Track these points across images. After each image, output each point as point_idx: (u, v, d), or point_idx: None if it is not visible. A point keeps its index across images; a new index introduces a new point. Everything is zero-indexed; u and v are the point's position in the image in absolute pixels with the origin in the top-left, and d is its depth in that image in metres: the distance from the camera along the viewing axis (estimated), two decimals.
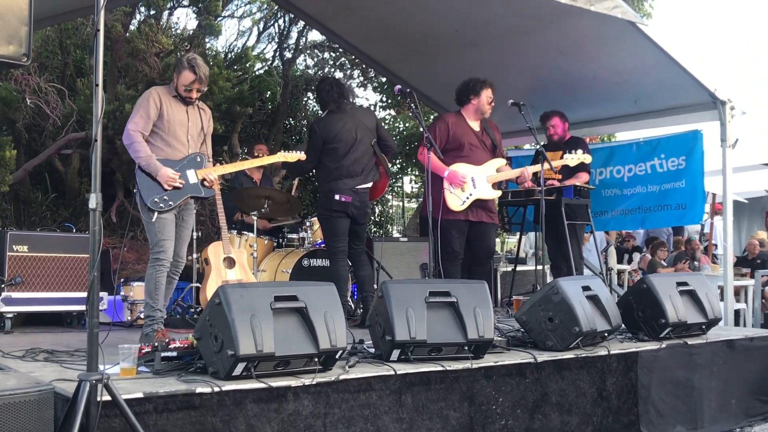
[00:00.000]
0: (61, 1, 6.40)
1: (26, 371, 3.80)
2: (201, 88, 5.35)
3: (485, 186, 6.54)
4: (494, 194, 6.60)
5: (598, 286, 5.29)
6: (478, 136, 6.68)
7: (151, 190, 5.15)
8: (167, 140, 5.28)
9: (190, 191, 5.29)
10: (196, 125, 5.44)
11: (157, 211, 5.13)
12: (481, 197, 6.52)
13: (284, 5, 8.65)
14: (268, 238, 7.85)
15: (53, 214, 11.22)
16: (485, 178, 6.55)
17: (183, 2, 12.22)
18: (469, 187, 6.50)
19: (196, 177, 5.31)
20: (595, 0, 5.86)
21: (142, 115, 5.19)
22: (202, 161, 5.40)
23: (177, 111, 5.33)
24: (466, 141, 6.60)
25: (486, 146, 6.69)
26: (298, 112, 14.88)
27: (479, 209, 6.56)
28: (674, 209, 8.08)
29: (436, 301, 4.36)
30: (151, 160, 5.15)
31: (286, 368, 3.71)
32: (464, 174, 6.49)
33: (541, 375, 4.61)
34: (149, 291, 5.22)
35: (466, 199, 6.48)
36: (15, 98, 9.94)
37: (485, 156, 6.65)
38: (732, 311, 7.53)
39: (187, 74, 5.26)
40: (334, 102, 6.56)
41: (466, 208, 6.49)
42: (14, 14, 2.98)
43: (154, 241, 5.20)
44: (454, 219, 6.49)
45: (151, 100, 5.23)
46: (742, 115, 7.49)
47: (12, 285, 6.22)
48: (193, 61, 5.28)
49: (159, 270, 5.18)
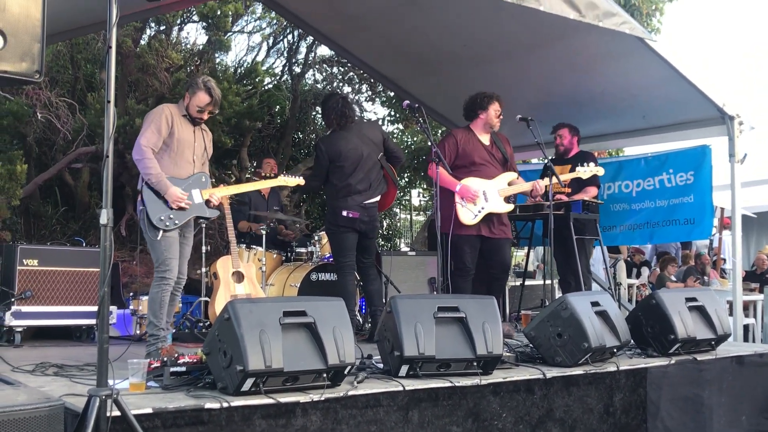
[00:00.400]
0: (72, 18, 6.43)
1: (36, 386, 3.81)
2: (213, 111, 5.41)
3: (497, 200, 6.52)
4: (506, 208, 6.57)
5: (607, 301, 5.29)
6: (488, 150, 6.67)
7: (157, 209, 5.14)
8: (174, 158, 5.29)
9: (195, 211, 5.29)
10: (201, 146, 5.47)
11: (163, 230, 5.13)
12: (494, 211, 6.49)
13: (294, 21, 8.69)
14: (276, 252, 7.87)
15: (63, 228, 11.25)
16: (497, 191, 6.52)
17: (193, 18, 12.28)
18: (481, 201, 6.48)
19: (201, 197, 5.31)
20: (603, 16, 5.87)
21: (153, 131, 5.18)
22: (206, 181, 5.42)
23: (185, 130, 5.35)
24: (476, 156, 6.58)
25: (496, 160, 6.67)
26: (306, 126, 14.92)
27: (492, 224, 6.51)
28: (683, 224, 8.06)
29: (444, 316, 4.36)
30: (162, 178, 5.14)
31: (295, 384, 3.72)
32: (476, 188, 6.47)
33: (549, 391, 4.60)
34: (153, 310, 5.20)
35: (478, 213, 6.46)
36: (26, 113, 9.99)
37: (496, 170, 6.63)
38: (741, 326, 7.49)
39: (203, 96, 5.28)
40: (337, 121, 6.59)
41: (478, 222, 6.45)
42: (27, 32, 3.01)
43: (160, 260, 5.18)
44: (466, 234, 6.44)
45: (163, 116, 5.24)
46: (750, 130, 7.49)
47: (22, 299, 6.24)
48: (208, 83, 5.31)
49: (164, 289, 5.17)
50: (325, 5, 7.42)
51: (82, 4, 3.72)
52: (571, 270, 7.29)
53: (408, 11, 6.97)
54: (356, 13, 7.38)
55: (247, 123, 11.72)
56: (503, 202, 6.55)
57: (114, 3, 3.19)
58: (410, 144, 15.01)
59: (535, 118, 6.68)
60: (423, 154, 13.62)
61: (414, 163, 13.99)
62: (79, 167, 11.20)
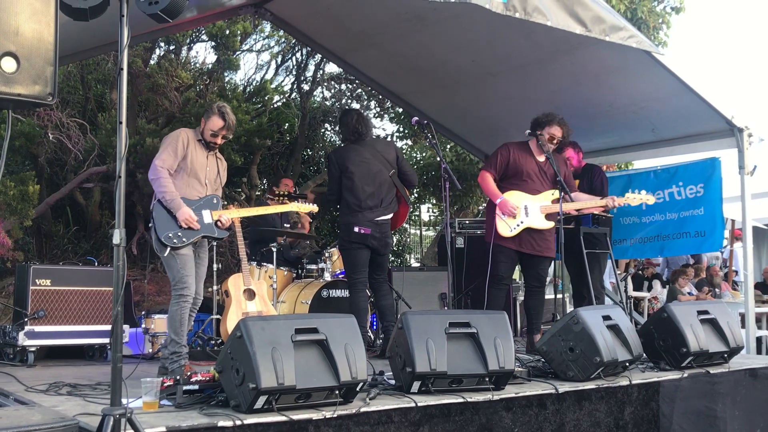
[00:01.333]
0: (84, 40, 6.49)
1: (50, 405, 3.83)
2: (227, 135, 5.54)
3: (538, 216, 6.54)
4: (546, 225, 6.54)
5: (619, 315, 5.28)
6: (540, 166, 6.69)
7: (165, 226, 5.25)
8: (187, 180, 5.44)
9: (204, 231, 5.40)
10: (213, 171, 5.61)
11: (170, 247, 5.20)
12: (533, 226, 6.51)
13: (302, 39, 8.74)
14: (287, 269, 7.88)
15: (75, 248, 11.30)
16: (539, 207, 6.55)
17: (202, 37, 12.37)
18: (521, 215, 6.51)
19: (211, 217, 5.43)
20: (610, 30, 5.89)
21: (170, 153, 5.35)
22: (218, 203, 5.54)
23: (199, 154, 5.50)
24: (527, 169, 6.62)
25: (547, 177, 6.67)
26: (316, 143, 14.97)
27: (532, 240, 6.55)
28: (693, 237, 8.04)
29: (456, 332, 4.37)
30: (175, 197, 5.27)
31: (307, 401, 3.72)
32: (515, 203, 6.51)
33: (562, 406, 4.59)
34: (174, 327, 5.29)
35: (516, 227, 6.50)
36: (37, 133, 10.06)
37: (543, 186, 6.65)
38: (754, 339, 7.46)
39: (217, 120, 5.44)
40: (356, 134, 6.64)
41: (515, 235, 6.50)
42: (40, 55, 3.04)
43: (177, 278, 5.27)
44: (504, 245, 6.54)
45: (179, 140, 5.40)
46: (759, 142, 7.48)
47: (35, 318, 6.27)
48: (223, 108, 5.47)
49: (183, 306, 5.26)
50: (332, 23, 7.46)
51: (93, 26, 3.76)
52: (584, 284, 7.29)
53: (415, 27, 7.01)
54: (363, 30, 7.43)
55: (257, 141, 11.78)
56: (543, 219, 6.55)
57: (125, 25, 3.24)
58: (419, 160, 15.03)
59: None
60: (432, 169, 13.64)
61: (424, 179, 14.00)
62: (91, 187, 11.26)
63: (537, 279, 6.76)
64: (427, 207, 17.42)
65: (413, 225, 17.91)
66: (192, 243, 5.34)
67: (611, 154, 8.84)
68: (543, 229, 6.56)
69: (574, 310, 5.10)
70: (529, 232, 6.53)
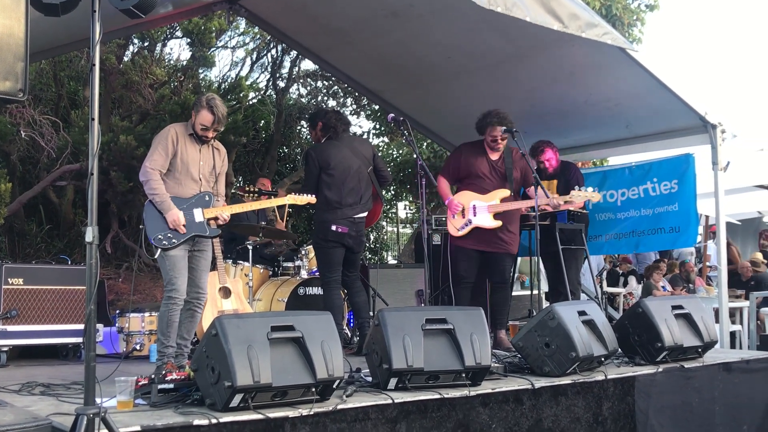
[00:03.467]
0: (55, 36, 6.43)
1: (23, 406, 3.79)
2: (218, 128, 5.41)
3: (485, 215, 6.58)
4: (494, 224, 6.57)
5: (594, 310, 5.31)
6: (493, 165, 6.71)
7: (156, 227, 5.17)
8: (179, 178, 5.33)
9: (194, 230, 5.29)
10: (209, 164, 5.48)
11: (161, 248, 5.14)
12: (480, 225, 6.56)
13: (278, 36, 8.70)
14: (263, 267, 7.85)
15: (48, 246, 11.19)
16: (487, 207, 6.59)
17: (176, 34, 12.29)
18: (469, 215, 6.56)
19: (202, 216, 5.33)
20: (585, 27, 5.91)
21: (160, 153, 5.26)
22: (210, 200, 5.42)
23: (191, 150, 5.38)
24: (477, 170, 6.67)
25: (498, 175, 6.71)
26: (292, 140, 14.94)
27: (487, 239, 6.60)
28: (668, 232, 8.10)
29: (432, 328, 4.37)
30: (165, 199, 5.20)
31: (284, 399, 3.71)
32: (461, 202, 6.59)
33: (538, 401, 4.61)
34: (161, 328, 5.24)
35: (463, 227, 6.57)
36: (9, 131, 9.96)
37: (493, 185, 6.68)
38: (728, 333, 7.52)
39: (206, 114, 5.30)
40: (334, 130, 6.61)
41: (472, 235, 6.57)
42: (10, 50, 3.00)
43: (166, 279, 5.23)
44: (462, 246, 6.63)
45: (169, 137, 5.30)
46: (733, 138, 7.55)
47: (7, 318, 6.20)
48: (212, 101, 5.33)
49: (172, 309, 5.18)
50: (308, 20, 7.43)
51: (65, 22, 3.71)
52: (560, 280, 7.32)
53: (391, 24, 7.00)
54: (339, 27, 7.41)
55: (232, 138, 11.71)
56: (491, 218, 6.58)
57: (97, 20, 3.19)
58: (396, 157, 15.04)
59: (519, 129, 6.70)
60: (409, 167, 13.65)
61: (400, 176, 14.02)
62: (64, 185, 11.16)
63: (498, 275, 6.77)
64: (404, 204, 17.44)
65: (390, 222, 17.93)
66: (183, 244, 5.27)
67: (586, 150, 8.89)
68: (494, 228, 6.59)
69: (550, 305, 5.12)
70: (484, 231, 6.57)
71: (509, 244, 6.70)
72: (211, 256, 5.55)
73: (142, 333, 6.81)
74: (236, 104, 13.10)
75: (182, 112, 10.22)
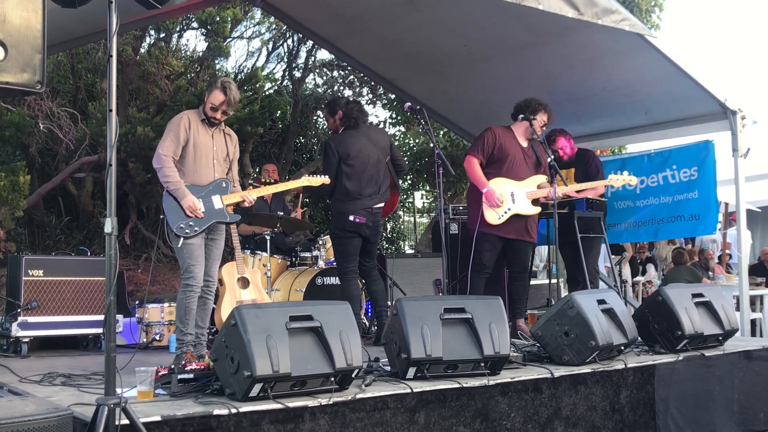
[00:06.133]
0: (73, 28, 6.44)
1: (44, 396, 3.82)
2: (227, 111, 5.41)
3: (525, 201, 6.53)
4: (533, 210, 6.55)
5: (613, 299, 5.28)
6: (525, 151, 6.68)
7: (177, 216, 5.19)
8: (194, 165, 5.34)
9: (215, 217, 5.31)
10: (222, 150, 5.49)
11: (183, 237, 5.16)
12: (520, 212, 6.50)
13: (293, 26, 8.69)
14: (281, 257, 7.86)
15: (67, 238, 11.26)
16: (525, 193, 6.54)
17: (192, 25, 12.28)
18: (507, 202, 6.50)
19: (221, 202, 5.34)
20: (602, 14, 5.86)
21: (172, 139, 5.27)
22: (227, 187, 5.43)
23: (204, 135, 5.39)
24: (512, 154, 6.59)
25: (530, 163, 6.68)
26: (308, 130, 14.92)
27: (516, 226, 6.54)
28: (687, 220, 8.04)
29: (451, 317, 4.36)
30: (179, 186, 5.21)
31: (303, 388, 3.71)
32: (502, 191, 6.49)
33: (558, 390, 4.60)
34: (179, 316, 5.26)
35: (504, 214, 6.48)
36: (28, 123, 9.99)
37: (528, 172, 6.63)
38: (748, 321, 7.48)
39: (218, 94, 5.31)
40: (354, 120, 6.56)
41: (503, 223, 6.49)
42: (28, 43, 3.01)
43: (184, 267, 5.24)
44: (489, 233, 6.51)
45: (181, 124, 5.31)
46: (753, 124, 7.47)
47: (28, 309, 6.25)
48: (226, 83, 5.36)
49: (189, 296, 5.20)
50: (322, 8, 7.41)
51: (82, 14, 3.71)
52: (578, 268, 7.28)
53: (406, 12, 6.96)
54: (354, 15, 7.38)
55: (249, 129, 11.71)
56: (530, 205, 6.55)
57: (114, 12, 3.20)
58: (413, 146, 15.00)
59: None
60: (426, 156, 13.61)
61: (417, 165, 13.98)
62: (82, 177, 11.21)
63: (520, 264, 6.74)
64: (420, 193, 17.42)
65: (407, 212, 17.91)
66: (204, 231, 5.29)
67: (604, 138, 8.82)
68: (528, 215, 6.55)
69: (569, 294, 5.10)
70: (514, 218, 6.51)
71: (533, 233, 6.68)
72: (223, 245, 5.56)
73: (162, 323, 6.84)
74: (252, 95, 13.10)
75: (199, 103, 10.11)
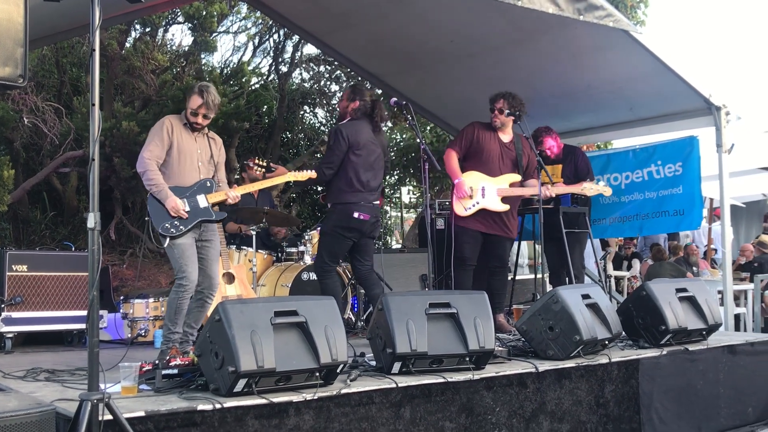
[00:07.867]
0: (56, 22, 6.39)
1: (27, 392, 3.80)
2: (207, 114, 5.41)
3: (494, 198, 6.54)
4: (501, 207, 6.55)
5: (598, 294, 5.30)
6: (504, 147, 6.68)
7: (161, 217, 5.18)
8: (178, 168, 5.34)
9: (200, 215, 5.30)
10: (206, 152, 5.50)
11: (169, 237, 5.15)
12: (487, 208, 6.52)
13: (280, 20, 8.67)
14: (267, 252, 7.85)
15: (52, 233, 11.21)
16: (496, 189, 6.56)
17: (178, 19, 12.24)
18: (477, 196, 6.51)
19: (206, 201, 5.34)
20: (585, 9, 5.87)
21: (156, 143, 5.27)
22: (212, 186, 5.43)
23: (187, 139, 5.40)
24: (489, 150, 6.61)
25: (508, 159, 6.68)
26: (294, 125, 14.91)
27: (494, 221, 6.57)
28: (672, 215, 8.08)
29: (436, 312, 4.36)
30: (163, 188, 5.20)
31: (288, 383, 3.71)
32: (473, 185, 6.52)
33: (542, 384, 4.61)
34: (169, 314, 5.24)
35: (471, 207, 6.51)
36: (12, 118, 9.94)
37: (503, 168, 6.64)
38: (732, 316, 7.52)
39: (196, 98, 5.34)
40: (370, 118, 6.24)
41: (480, 217, 6.51)
42: (10, 36, 2.99)
43: (176, 267, 5.23)
44: (466, 227, 6.53)
45: (164, 128, 5.32)
46: (737, 120, 7.51)
47: (12, 305, 6.22)
48: (204, 86, 5.38)
49: (181, 296, 5.18)
50: (309, 3, 7.40)
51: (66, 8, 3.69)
52: (564, 263, 7.32)
53: (393, 8, 6.96)
54: (341, 11, 7.37)
55: (235, 124, 11.69)
56: (499, 202, 6.55)
57: (96, 5, 3.17)
58: (399, 141, 15.00)
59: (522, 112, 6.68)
60: (412, 151, 13.62)
61: (403, 160, 13.99)
62: (67, 171, 11.16)
63: (499, 260, 6.76)
64: (407, 189, 17.41)
65: (393, 207, 17.91)
66: (191, 230, 5.26)
67: (589, 133, 8.86)
68: (500, 211, 6.57)
69: (554, 289, 5.11)
70: (490, 213, 6.54)
71: (511, 228, 6.69)
72: (219, 245, 5.56)
73: (147, 319, 6.82)
74: (238, 89, 13.07)
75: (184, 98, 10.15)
